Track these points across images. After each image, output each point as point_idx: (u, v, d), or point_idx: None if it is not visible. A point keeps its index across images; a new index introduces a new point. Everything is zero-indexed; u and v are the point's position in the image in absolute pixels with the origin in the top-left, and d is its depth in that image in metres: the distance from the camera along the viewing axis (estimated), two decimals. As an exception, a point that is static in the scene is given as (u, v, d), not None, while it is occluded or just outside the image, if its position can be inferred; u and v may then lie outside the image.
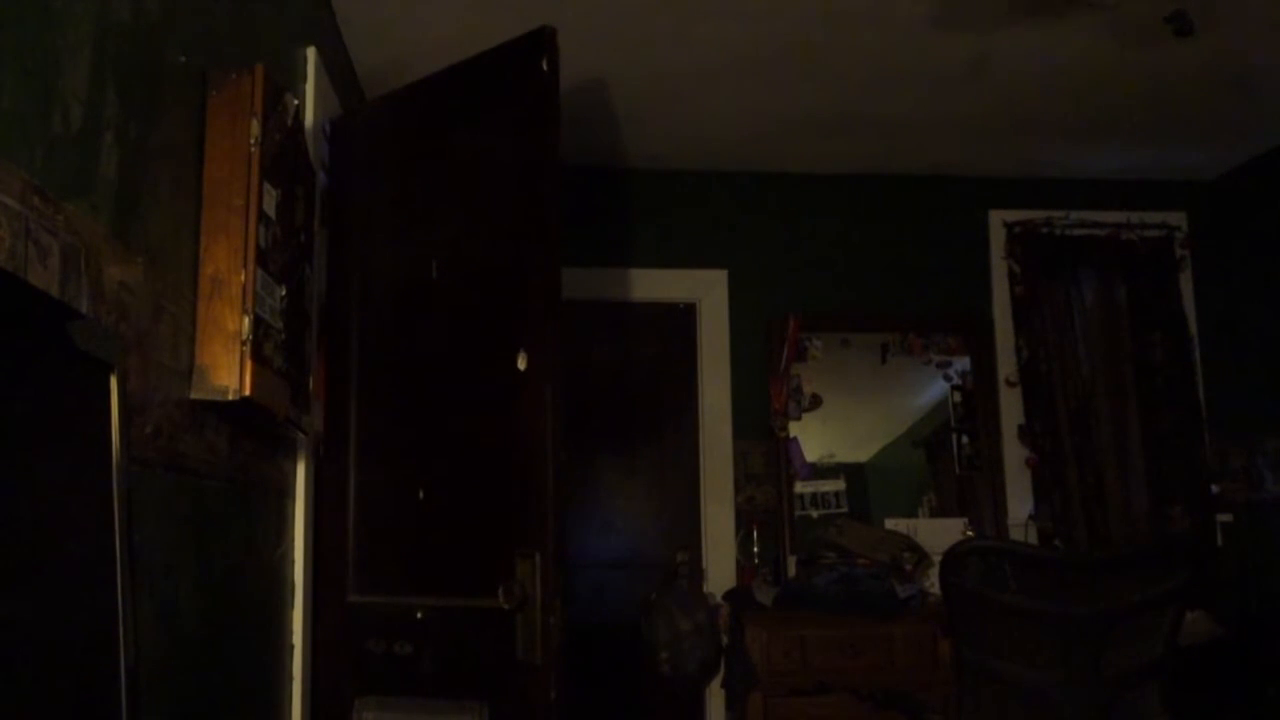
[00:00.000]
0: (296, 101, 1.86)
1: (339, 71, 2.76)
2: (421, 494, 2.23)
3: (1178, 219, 4.06)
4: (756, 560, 3.67)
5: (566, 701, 1.92)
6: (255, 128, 1.64)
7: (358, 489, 2.35)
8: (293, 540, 2.25)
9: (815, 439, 3.86)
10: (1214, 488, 3.87)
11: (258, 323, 1.63)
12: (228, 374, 1.58)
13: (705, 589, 3.66)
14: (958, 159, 3.90)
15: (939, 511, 3.90)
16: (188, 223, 1.58)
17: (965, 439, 3.90)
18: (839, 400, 3.91)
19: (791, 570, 3.64)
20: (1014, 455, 3.86)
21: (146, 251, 1.40)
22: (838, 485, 3.84)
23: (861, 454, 3.99)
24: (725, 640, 3.41)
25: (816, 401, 3.87)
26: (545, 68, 2.10)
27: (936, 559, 3.04)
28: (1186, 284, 4.02)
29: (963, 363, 3.97)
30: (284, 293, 1.79)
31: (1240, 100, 3.38)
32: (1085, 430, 3.86)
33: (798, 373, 3.86)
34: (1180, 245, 4.03)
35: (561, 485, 1.98)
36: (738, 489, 3.78)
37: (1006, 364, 3.93)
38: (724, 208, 3.99)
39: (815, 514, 3.80)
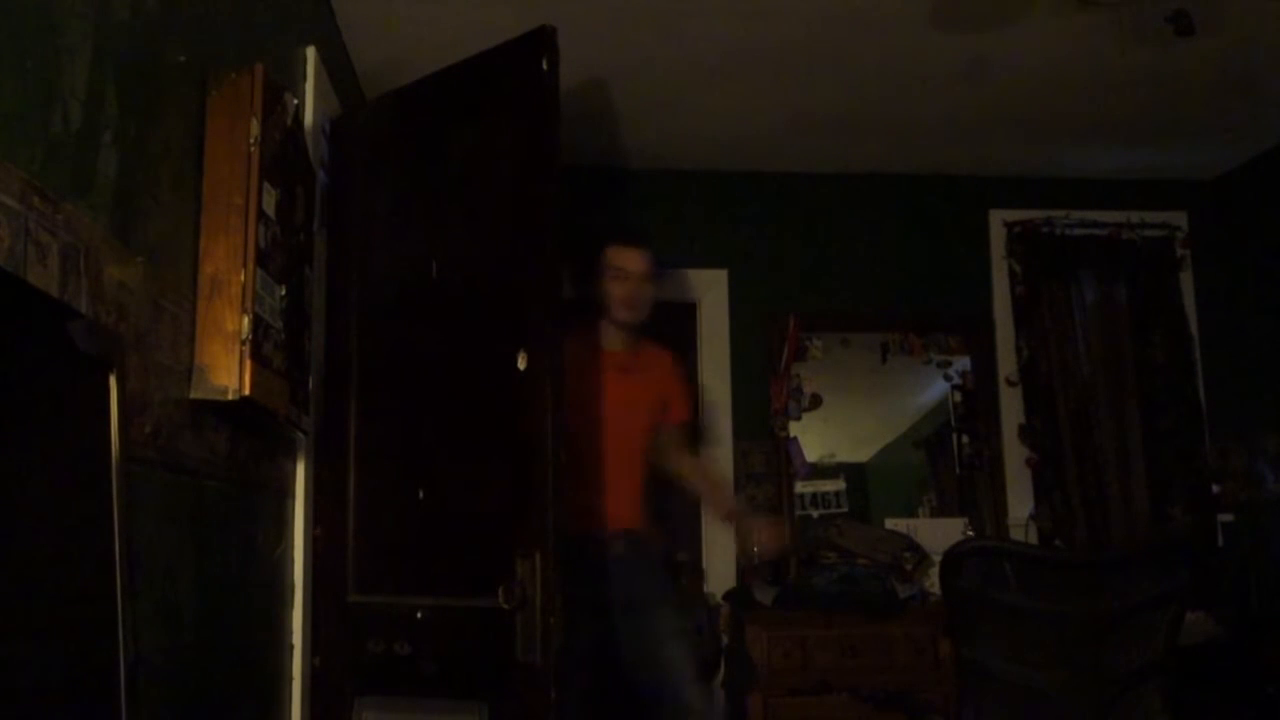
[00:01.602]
0: (296, 101, 1.86)
1: (339, 71, 2.76)
2: (421, 494, 2.23)
3: (1178, 219, 4.06)
4: (757, 560, 3.66)
5: (566, 702, 1.92)
6: (255, 127, 1.64)
7: (357, 489, 2.34)
8: (292, 540, 2.25)
9: (815, 439, 3.86)
10: (1214, 488, 3.87)
11: (257, 322, 1.63)
12: (227, 374, 1.57)
13: (705, 589, 3.66)
14: (958, 159, 3.90)
15: (939, 511, 3.90)
16: (187, 222, 1.58)
17: (965, 439, 3.90)
18: (839, 400, 3.91)
19: (791, 570, 3.64)
20: (1014, 455, 3.86)
21: (146, 251, 1.40)
22: (838, 485, 3.84)
23: (862, 454, 3.99)
24: (725, 640, 3.41)
25: (816, 401, 3.87)
26: (545, 67, 2.09)
27: (936, 559, 3.04)
28: (1187, 284, 4.02)
29: (963, 362, 3.97)
30: (283, 292, 1.79)
31: (1241, 99, 3.38)
32: (1086, 430, 3.85)
33: (798, 373, 3.86)
34: (1181, 245, 4.03)
35: (561, 484, 1.98)
36: (738, 489, 3.78)
37: (1007, 364, 3.92)
38: (724, 208, 3.99)
39: (815, 514, 3.79)
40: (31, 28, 1.11)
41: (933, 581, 3.28)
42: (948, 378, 3.97)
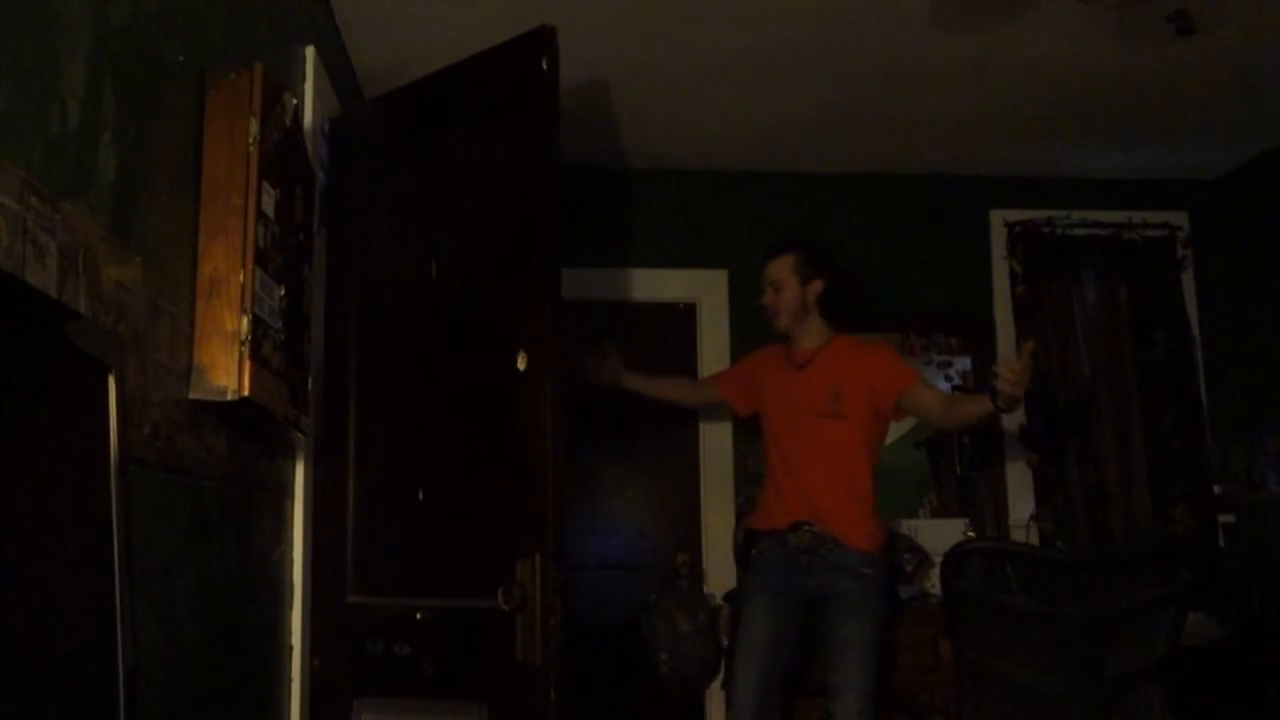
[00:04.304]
0: (295, 101, 1.86)
1: (338, 71, 2.76)
2: (421, 494, 2.22)
3: (1180, 219, 4.05)
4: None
5: (566, 703, 1.91)
6: (254, 127, 1.64)
7: (357, 489, 2.34)
8: (291, 541, 2.24)
9: (816, 439, 3.84)
10: (1216, 488, 3.86)
11: (256, 323, 1.62)
12: (226, 374, 1.57)
13: (705, 590, 3.65)
14: (958, 159, 3.89)
15: (940, 512, 3.89)
16: (186, 222, 1.58)
17: (966, 439, 3.89)
18: (840, 400, 3.89)
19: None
20: (1015, 456, 3.85)
21: (145, 251, 1.39)
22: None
23: (862, 455, 3.97)
24: (725, 642, 3.40)
25: (817, 402, 3.86)
26: (545, 67, 2.09)
27: (938, 560, 3.03)
28: (1188, 284, 4.02)
29: (964, 363, 3.96)
30: (283, 292, 1.78)
31: (1242, 99, 3.37)
32: (1087, 430, 3.85)
33: (798, 373, 3.84)
34: (1182, 245, 4.02)
35: (561, 485, 1.97)
36: (738, 489, 3.77)
37: (1008, 364, 3.91)
38: (724, 208, 3.98)
39: (816, 514, 3.77)
40: (29, 27, 1.10)
41: (934, 582, 3.27)
42: (948, 378, 3.96)
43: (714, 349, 3.87)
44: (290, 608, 2.22)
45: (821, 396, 2.92)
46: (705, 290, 3.91)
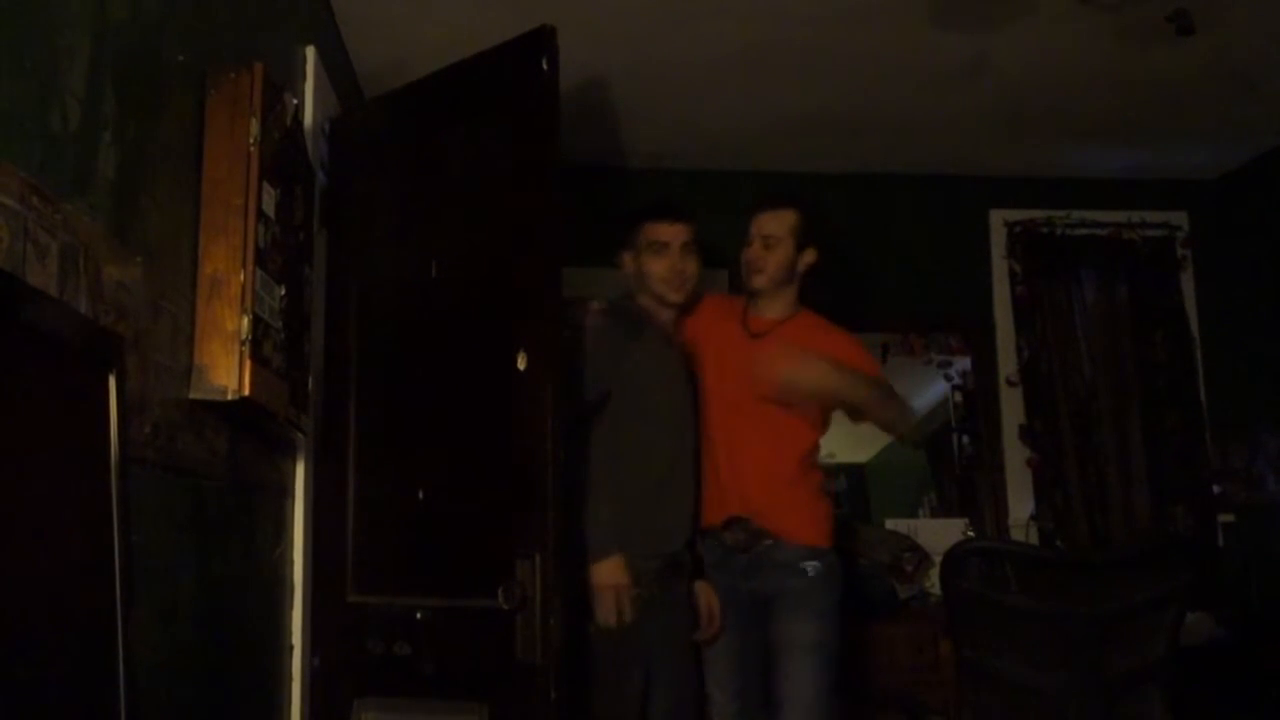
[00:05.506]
0: (296, 100, 1.86)
1: (338, 71, 2.76)
2: (421, 494, 2.22)
3: (1179, 219, 4.05)
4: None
5: (566, 702, 1.91)
6: (254, 127, 1.64)
7: (357, 489, 2.34)
8: (292, 540, 2.24)
9: (816, 439, 3.85)
10: (1215, 488, 3.86)
11: (257, 322, 1.63)
12: (227, 374, 1.57)
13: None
14: (958, 159, 3.89)
15: (940, 512, 3.90)
16: (186, 222, 1.58)
17: (966, 439, 3.90)
18: (839, 400, 3.89)
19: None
20: (1015, 455, 3.85)
21: (145, 251, 1.40)
22: (838, 485, 3.83)
23: (862, 454, 3.98)
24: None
25: (817, 402, 3.86)
26: (545, 67, 2.09)
27: (937, 559, 3.03)
28: (1188, 284, 4.02)
29: (963, 363, 3.97)
30: (283, 292, 1.78)
31: (1242, 99, 3.38)
32: (1086, 430, 3.85)
33: (798, 373, 3.84)
34: (1182, 245, 4.03)
35: (561, 485, 1.97)
36: (738, 489, 3.76)
37: (1007, 364, 3.92)
38: (724, 208, 3.97)
39: (816, 514, 3.78)
40: (30, 27, 1.10)
41: (933, 582, 3.27)
42: (948, 378, 3.96)
43: (714, 349, 3.87)
44: (290, 607, 2.22)
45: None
46: (705, 290, 3.90)
